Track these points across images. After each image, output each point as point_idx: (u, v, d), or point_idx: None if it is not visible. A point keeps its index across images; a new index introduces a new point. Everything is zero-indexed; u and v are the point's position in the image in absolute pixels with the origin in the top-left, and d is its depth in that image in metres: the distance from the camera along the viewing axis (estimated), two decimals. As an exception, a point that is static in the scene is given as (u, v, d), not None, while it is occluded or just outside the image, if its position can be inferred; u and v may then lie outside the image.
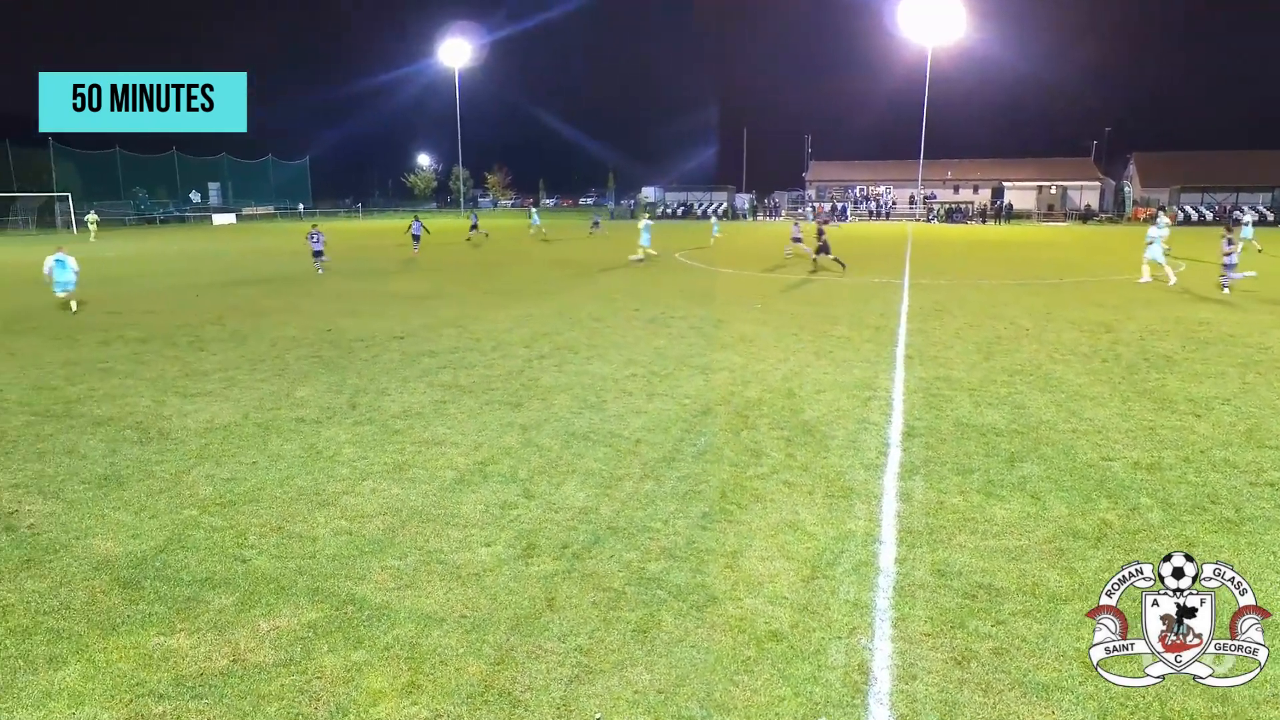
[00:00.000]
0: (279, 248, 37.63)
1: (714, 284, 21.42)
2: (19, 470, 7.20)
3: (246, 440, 8.00)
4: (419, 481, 6.85)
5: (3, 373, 11.15)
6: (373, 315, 16.06)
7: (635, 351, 12.18)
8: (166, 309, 17.45)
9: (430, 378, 10.56)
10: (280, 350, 12.52)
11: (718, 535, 5.79)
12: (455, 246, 35.85)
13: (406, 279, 23.08)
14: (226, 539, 5.78)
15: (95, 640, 4.52)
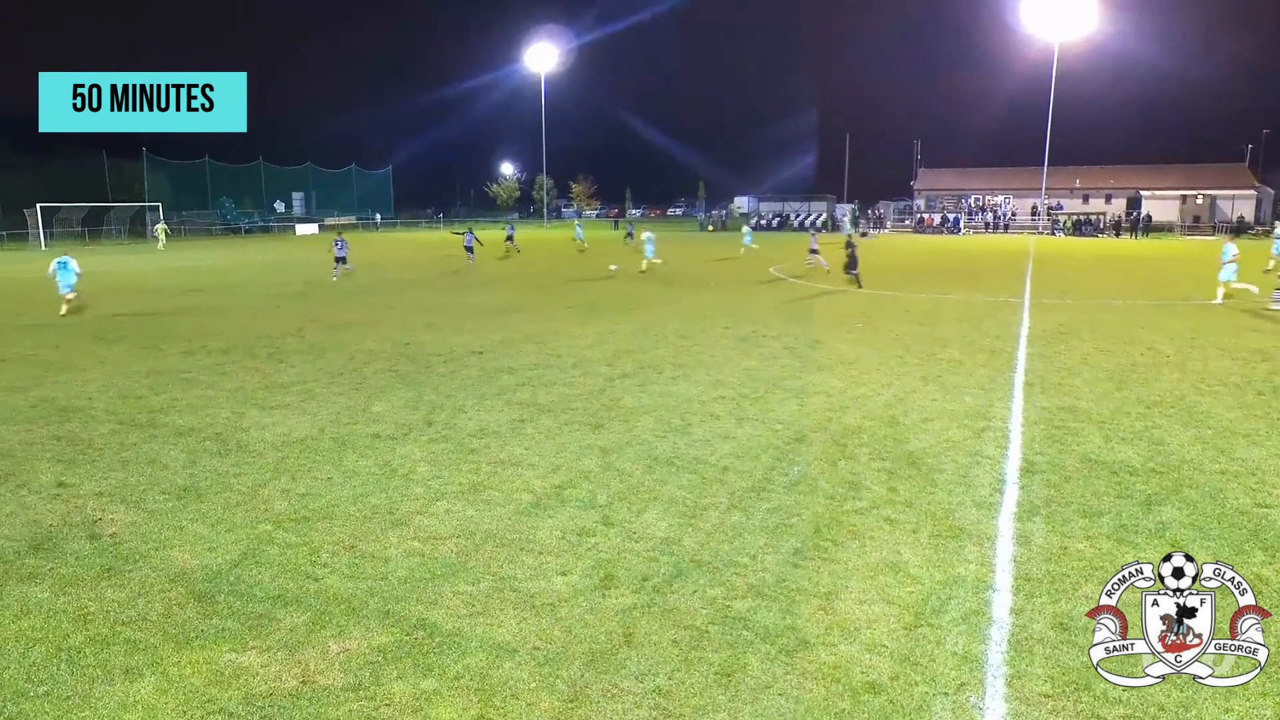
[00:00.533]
0: (358, 259, 39.23)
1: (811, 301, 21.17)
2: (104, 478, 7.69)
3: (322, 455, 8.32)
4: (494, 504, 6.98)
5: (93, 380, 11.97)
6: (451, 329, 16.52)
7: (724, 372, 12.13)
8: (248, 320, 18.40)
9: (508, 395, 10.77)
10: (358, 363, 13.01)
11: (810, 574, 5.68)
12: (536, 259, 36.59)
13: (487, 292, 23.67)
14: (300, 556, 6.01)
15: (170, 653, 4.76)
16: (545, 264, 34.61)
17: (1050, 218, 68.27)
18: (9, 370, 12.83)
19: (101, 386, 11.58)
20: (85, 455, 8.40)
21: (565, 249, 44.13)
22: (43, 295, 24.62)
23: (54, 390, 11.38)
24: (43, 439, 9.00)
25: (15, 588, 5.56)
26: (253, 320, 18.29)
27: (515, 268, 32.58)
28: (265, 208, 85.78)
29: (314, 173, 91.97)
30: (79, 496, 7.24)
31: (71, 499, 7.18)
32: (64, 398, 10.91)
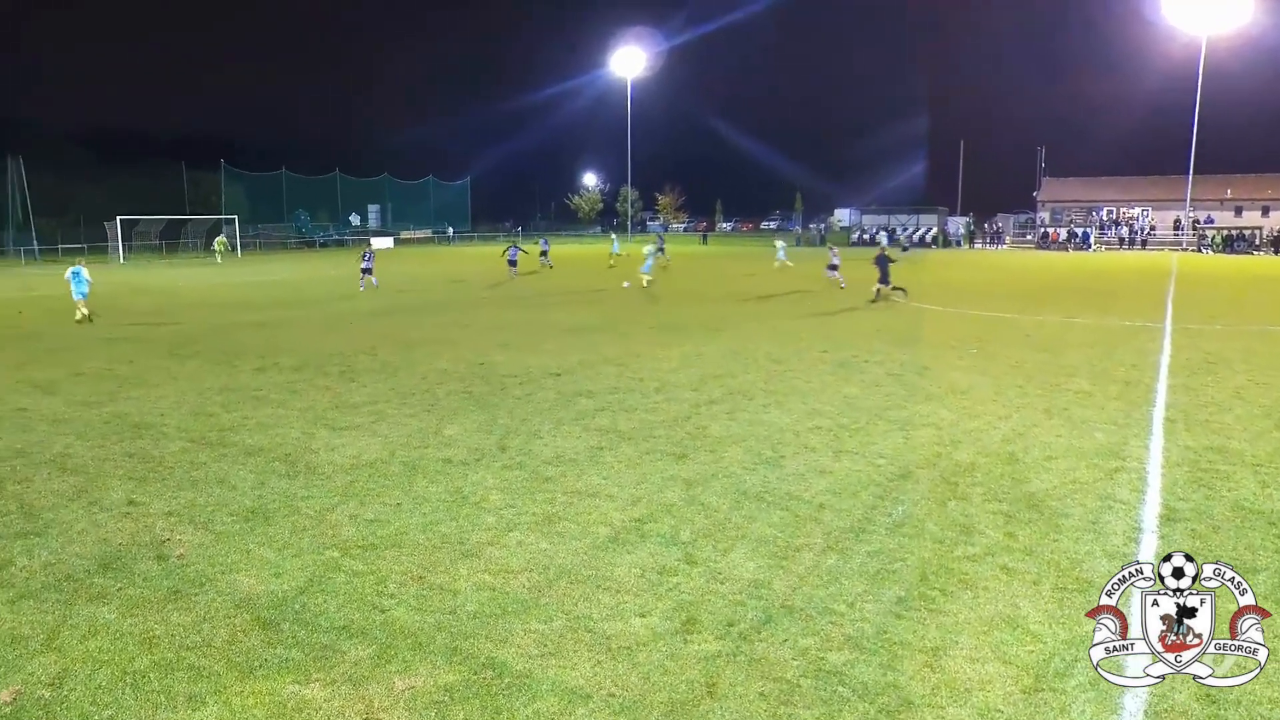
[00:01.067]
0: (435, 274, 40.37)
1: (919, 323, 20.73)
2: (173, 498, 8.06)
3: (392, 479, 8.54)
4: (569, 537, 7.02)
5: (165, 397, 12.60)
6: (528, 349, 16.79)
7: (821, 400, 11.96)
8: (321, 336, 19.10)
9: (586, 421, 10.85)
10: (430, 384, 13.34)
11: (915, 626, 5.51)
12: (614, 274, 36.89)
13: (566, 310, 24.00)
14: (366, 585, 6.17)
15: (233, 682, 4.93)
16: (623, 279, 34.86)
17: (1196, 232, 65.23)
18: (86, 384, 13.62)
19: (174, 403, 12.17)
20: (156, 473, 8.83)
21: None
22: (119, 309, 26.12)
23: (127, 406, 12.02)
24: (115, 455, 9.51)
25: (84, 607, 5.86)
26: (325, 337, 18.97)
27: (596, 284, 32.94)
28: (340, 221, 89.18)
29: (390, 184, 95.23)
30: (148, 515, 7.60)
31: (141, 518, 7.55)
32: (137, 413, 11.52)
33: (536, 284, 33.17)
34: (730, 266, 45.13)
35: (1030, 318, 21.63)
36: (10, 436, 10.39)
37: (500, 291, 30.08)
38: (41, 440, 10.19)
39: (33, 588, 6.16)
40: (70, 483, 8.55)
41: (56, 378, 14.27)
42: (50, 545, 6.94)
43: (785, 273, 36.77)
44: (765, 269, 39.56)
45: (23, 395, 12.86)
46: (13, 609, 5.83)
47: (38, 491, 8.29)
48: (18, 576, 6.36)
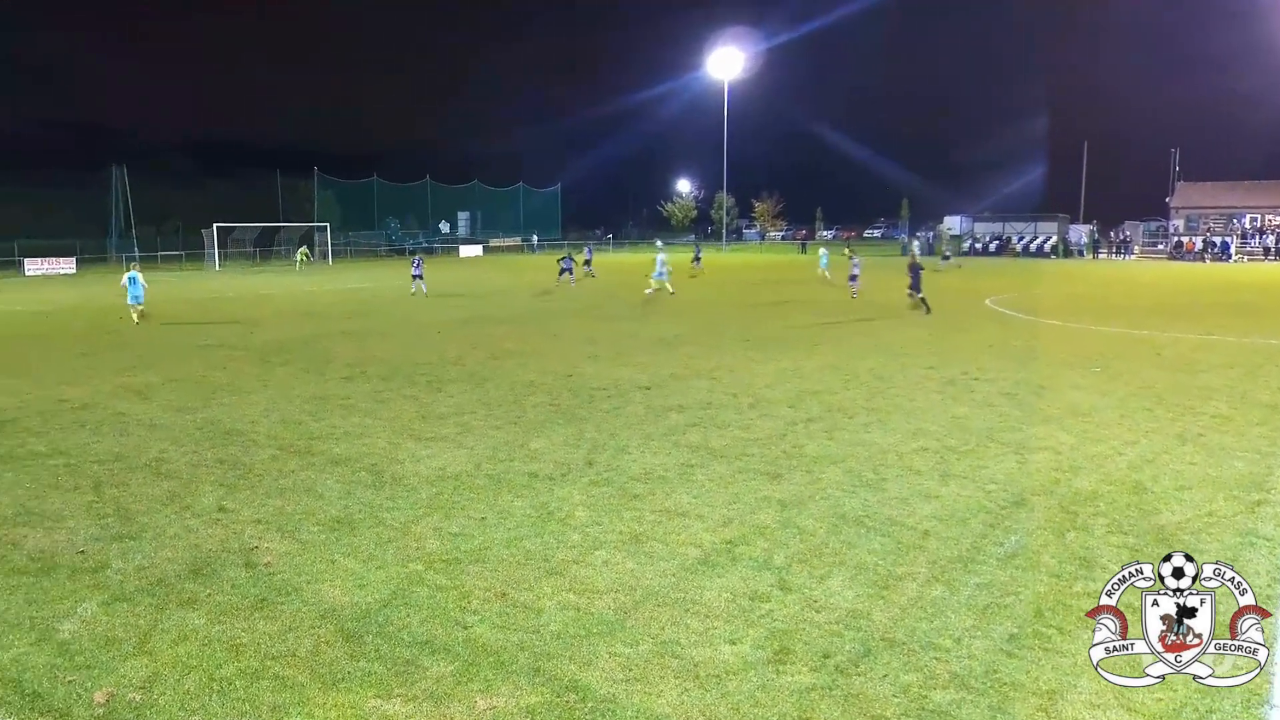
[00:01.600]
0: (524, 284, 41.07)
1: (1036, 338, 20.06)
2: (261, 505, 8.39)
3: (477, 493, 8.70)
4: (657, 557, 7.02)
5: (256, 404, 13.14)
6: (617, 361, 16.90)
7: (926, 420, 11.68)
8: (410, 345, 19.63)
9: (677, 436, 10.86)
10: (518, 395, 13.56)
11: (1029, 666, 5.31)
12: (709, 285, 36.91)
13: (657, 321, 24.09)
14: (449, 600, 6.28)
15: (316, 694, 5.09)
16: (723, 291, 34.84)
17: (1353, 242, 61.42)
18: (182, 391, 14.32)
19: (264, 410, 12.68)
20: (245, 480, 9.21)
21: (747, 275, 44.20)
22: (215, 315, 27.40)
23: (220, 412, 12.58)
24: (208, 462, 9.95)
25: (175, 612, 6.13)
26: (413, 346, 19.50)
27: (689, 295, 32.98)
28: (430, 228, 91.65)
29: (480, 191, 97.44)
30: (238, 522, 7.92)
31: (231, 524, 7.87)
32: (229, 420, 12.04)
33: (626, 294, 33.39)
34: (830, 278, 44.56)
35: (1161, 334, 20.70)
36: (109, 440, 10.99)
37: (587, 302, 30.40)
38: (138, 445, 10.74)
39: (127, 590, 6.49)
40: (164, 487, 8.98)
41: (153, 383, 15.04)
42: (144, 549, 7.30)
43: (826, 285, 36.01)
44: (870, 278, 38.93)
45: (121, 400, 13.59)
46: (108, 611, 6.15)
47: (134, 495, 8.74)
48: (113, 579, 6.70)
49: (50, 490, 8.94)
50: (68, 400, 13.63)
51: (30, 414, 12.65)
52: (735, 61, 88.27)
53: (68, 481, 9.24)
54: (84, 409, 12.96)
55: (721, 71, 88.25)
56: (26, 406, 13.18)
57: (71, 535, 7.64)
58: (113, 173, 70.84)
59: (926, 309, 25.27)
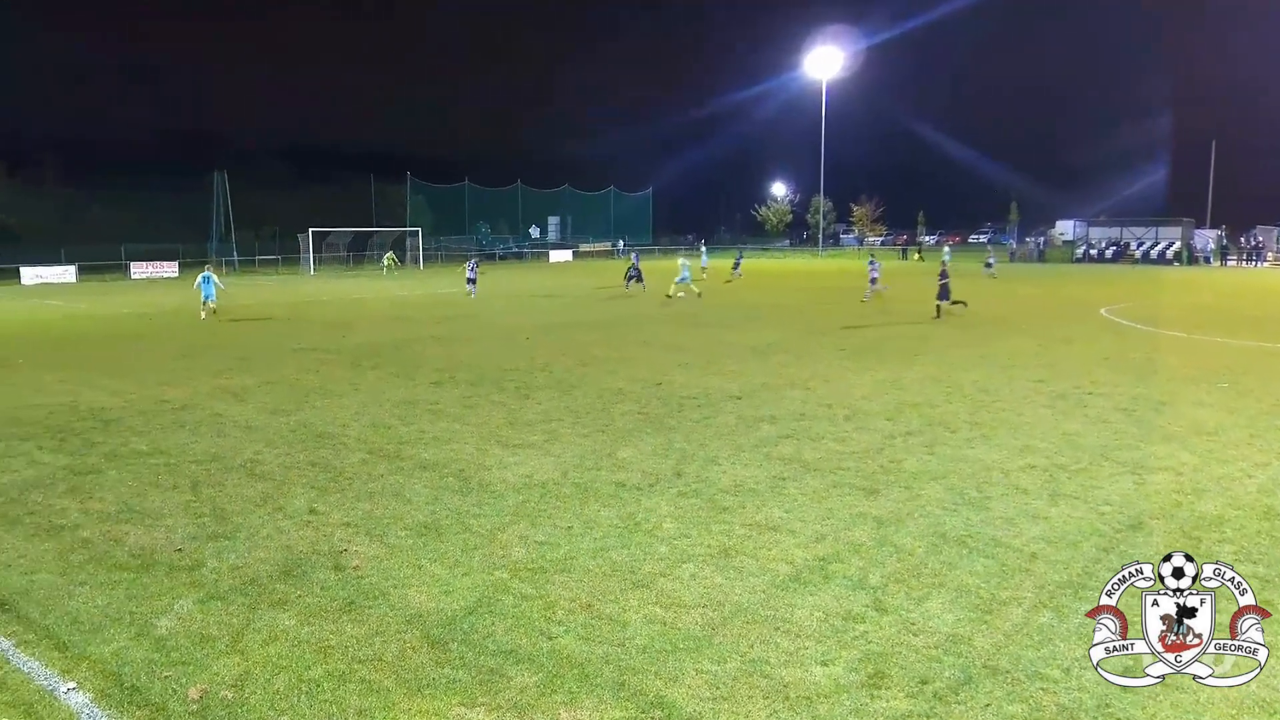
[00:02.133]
0: (613, 290, 41.37)
1: (1156, 351, 19.27)
2: (351, 508, 8.65)
3: (564, 501, 8.79)
4: (747, 573, 6.98)
5: (347, 407, 13.56)
6: (708, 369, 16.88)
7: (1035, 435, 11.33)
8: (498, 351, 19.98)
9: (768, 448, 10.78)
10: (606, 403, 13.66)
11: (1145, 702, 5.09)
12: (801, 291, 36.58)
13: (749, 329, 23.98)
14: (534, 610, 6.36)
15: (401, 699, 5.21)
16: (816, 298, 34.50)
17: None
18: (276, 393, 14.87)
19: (355, 414, 13.07)
20: (336, 483, 9.51)
21: (841, 281, 43.66)
22: (309, 319, 28.38)
23: (312, 415, 13.02)
24: (300, 464, 10.31)
25: (266, 613, 6.37)
26: (502, 351, 19.84)
27: (784, 303, 32.74)
28: (520, 233, 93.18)
29: (570, 195, 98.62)
30: (328, 525, 8.18)
31: (321, 527, 8.14)
32: (321, 423, 12.45)
33: (719, 300, 33.36)
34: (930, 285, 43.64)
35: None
36: (207, 440, 11.49)
37: (678, 309, 30.46)
38: (234, 446, 11.20)
39: (221, 589, 6.77)
40: (258, 489, 9.34)
41: (249, 385, 15.66)
42: (238, 549, 7.60)
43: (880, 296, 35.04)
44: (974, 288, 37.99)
45: (219, 401, 14.20)
46: (202, 609, 6.43)
47: (229, 495, 9.11)
48: (208, 578, 7.00)
49: (151, 489, 9.39)
50: (168, 401, 14.30)
51: (133, 413, 13.31)
52: (834, 60, 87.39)
53: (167, 480, 9.69)
54: (183, 409, 13.58)
55: (819, 70, 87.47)
56: (130, 406, 13.87)
57: (170, 533, 8.01)
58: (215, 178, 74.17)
59: (962, 305, 26.76)
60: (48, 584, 6.92)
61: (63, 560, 7.40)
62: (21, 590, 6.80)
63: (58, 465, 10.39)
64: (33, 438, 11.79)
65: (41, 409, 13.74)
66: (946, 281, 26.54)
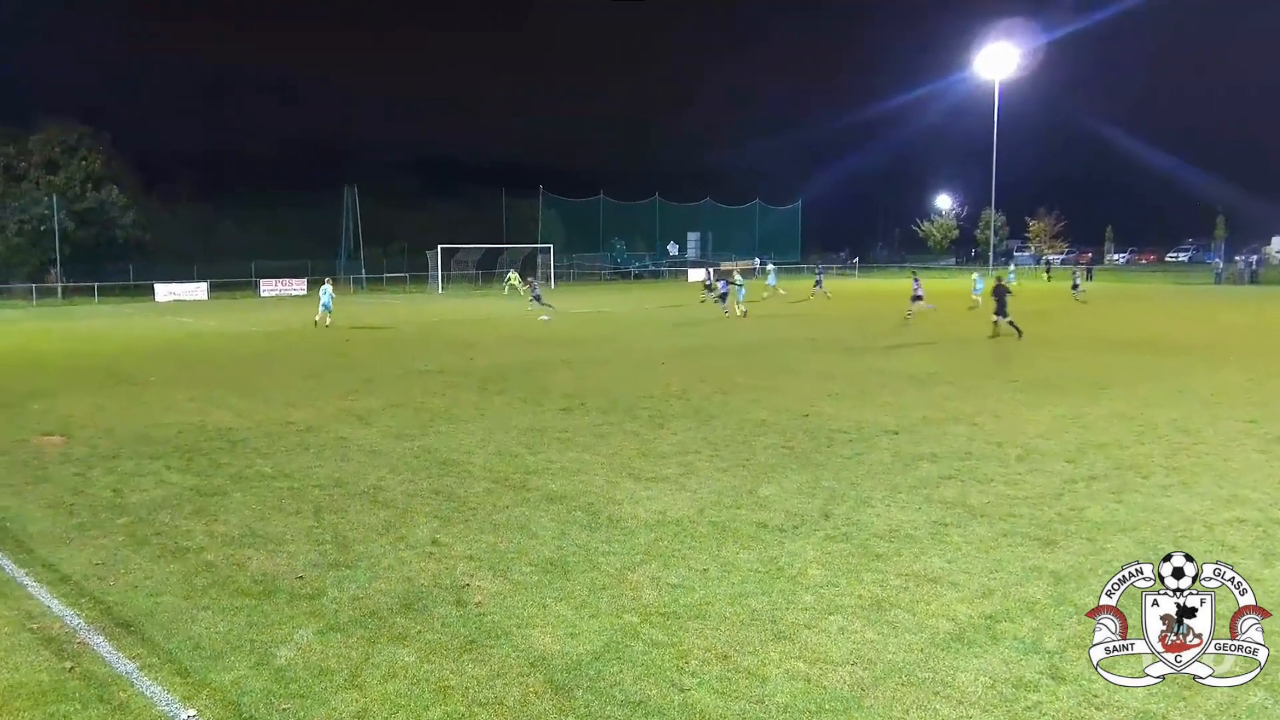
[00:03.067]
0: (756, 311, 41.25)
1: (1396, 389, 17.81)
2: (475, 540, 8.87)
3: (699, 541, 8.78)
4: (902, 629, 6.79)
5: (473, 434, 13.95)
6: (861, 400, 16.59)
7: (1245, 484, 10.64)
8: (631, 376, 20.19)
9: (929, 490, 10.50)
10: (748, 435, 13.59)
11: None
12: (972, 317, 35.53)
13: (908, 356, 23.47)
14: (666, 658, 6.36)
15: (522, 747, 5.29)
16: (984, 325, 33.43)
17: None
18: (400, 417, 15.45)
19: (480, 440, 13.44)
20: (459, 513, 9.78)
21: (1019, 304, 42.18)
22: (437, 339, 29.41)
23: (436, 441, 13.45)
24: (423, 491, 10.66)
25: (386, 647, 6.59)
26: (636, 377, 20.03)
27: (948, 329, 31.93)
28: (658, 250, 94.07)
29: (711, 209, 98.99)
30: (450, 557, 8.42)
31: (444, 559, 8.38)
32: (445, 449, 12.85)
33: (873, 327, 32.80)
34: (1120, 310, 41.73)
35: None
36: (331, 465, 12.02)
37: (828, 332, 30.10)
38: (357, 470, 11.68)
39: (341, 620, 7.05)
40: (381, 516, 9.70)
41: (374, 408, 16.32)
42: (359, 579, 7.90)
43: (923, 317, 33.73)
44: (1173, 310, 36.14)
45: (343, 424, 14.85)
46: (322, 639, 6.70)
47: (351, 523, 9.50)
48: (328, 608, 7.30)
49: (274, 513, 9.89)
50: (293, 422, 15.05)
51: (259, 435, 14.07)
52: (1008, 58, 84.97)
53: (290, 505, 10.18)
54: (308, 431, 14.26)
55: (991, 70, 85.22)
56: (256, 427, 14.67)
57: (291, 560, 8.40)
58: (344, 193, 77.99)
59: (1019, 333, 27.23)
60: (172, 607, 7.36)
61: (187, 583, 7.86)
62: (147, 612, 7.26)
63: (185, 485, 11.07)
64: (162, 457, 12.61)
65: (171, 428, 14.69)
66: (1003, 295, 27.88)
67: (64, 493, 10.81)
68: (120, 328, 38.28)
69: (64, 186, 65.51)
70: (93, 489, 10.98)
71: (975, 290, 40.60)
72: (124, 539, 9.05)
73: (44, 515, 9.89)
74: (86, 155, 67.73)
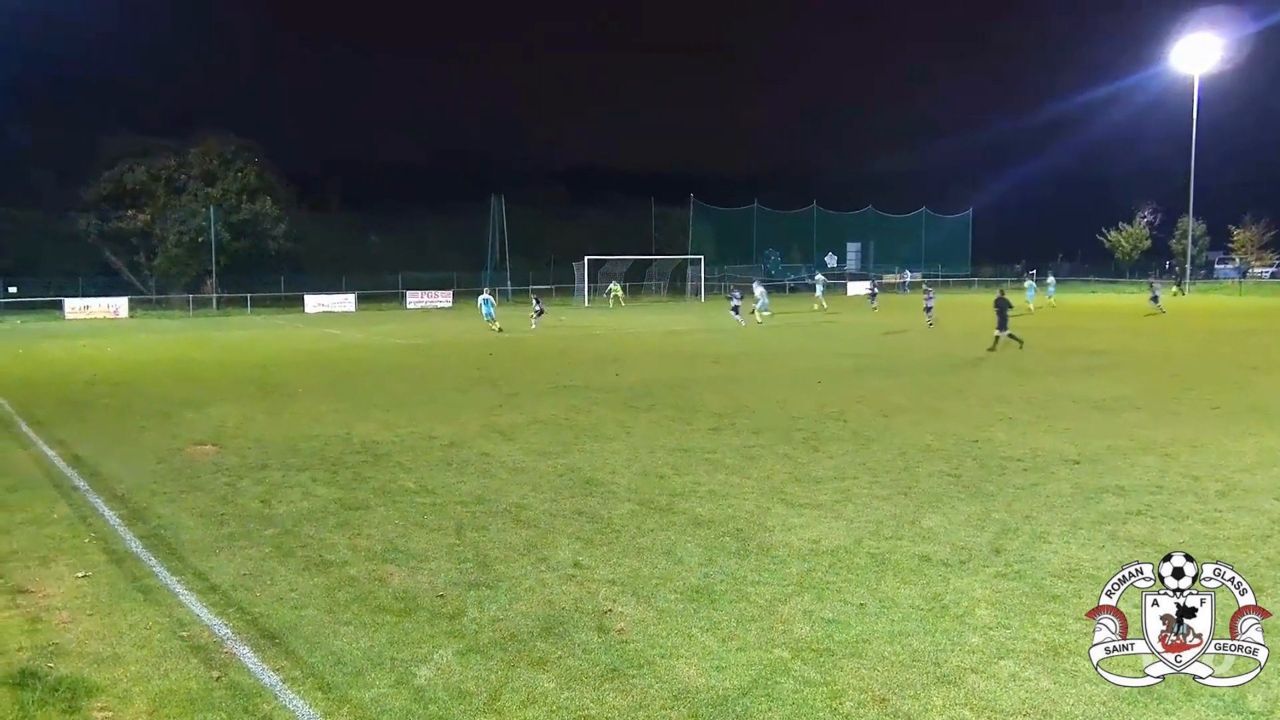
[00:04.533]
0: (921, 327, 40.39)
1: None
2: (617, 565, 8.96)
3: (856, 573, 8.63)
4: (1082, 678, 6.51)
5: (618, 452, 14.12)
6: (1037, 426, 16.03)
7: None
8: (784, 395, 20.06)
9: (1113, 526, 10.06)
10: (910, 461, 13.31)
11: None
12: (1172, 334, 33.87)
13: (1093, 378, 22.54)
14: (818, 698, 6.27)
15: (664, 784, 5.30)
16: (1183, 343, 31.80)
17: None
18: (545, 434, 15.78)
19: (626, 460, 13.58)
20: (602, 535, 9.90)
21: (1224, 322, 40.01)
22: (582, 354, 29.93)
23: (580, 459, 13.67)
24: (566, 512, 10.85)
25: (525, 671, 6.72)
26: (790, 396, 19.89)
27: (1139, 348, 30.53)
28: (815, 261, 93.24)
29: (874, 219, 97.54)
30: (592, 581, 8.53)
31: (585, 582, 8.49)
32: (589, 468, 13.04)
33: (1055, 344, 31.64)
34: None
35: None
36: (473, 481, 12.37)
37: (1001, 353, 29.18)
38: (500, 488, 11.98)
39: (480, 642, 7.23)
40: (522, 536, 9.92)
41: (517, 424, 16.72)
42: (499, 600, 8.09)
43: None
44: None
45: (487, 440, 15.26)
46: (462, 661, 6.89)
47: (492, 541, 9.74)
48: (468, 628, 7.50)
49: (416, 529, 10.24)
50: (437, 437, 15.56)
51: (403, 449, 14.60)
52: (1209, 50, 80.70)
53: (432, 521, 10.52)
54: (451, 447, 14.72)
55: (1189, 64, 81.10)
56: (400, 441, 15.24)
57: (433, 578, 8.67)
58: (492, 202, 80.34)
59: (1019, 343, 28.91)
60: (315, 621, 7.71)
61: (330, 597, 8.22)
62: (291, 625, 7.62)
63: (330, 498, 11.59)
64: (308, 468, 13.23)
65: (318, 439, 15.41)
66: (1002, 308, 29.14)
67: (215, 502, 11.47)
68: (270, 338, 40.48)
69: (221, 198, 69.68)
70: (242, 499, 11.62)
71: (1029, 297, 45.31)
72: (271, 550, 9.53)
73: (196, 524, 10.52)
74: (242, 167, 71.90)
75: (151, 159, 69.65)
